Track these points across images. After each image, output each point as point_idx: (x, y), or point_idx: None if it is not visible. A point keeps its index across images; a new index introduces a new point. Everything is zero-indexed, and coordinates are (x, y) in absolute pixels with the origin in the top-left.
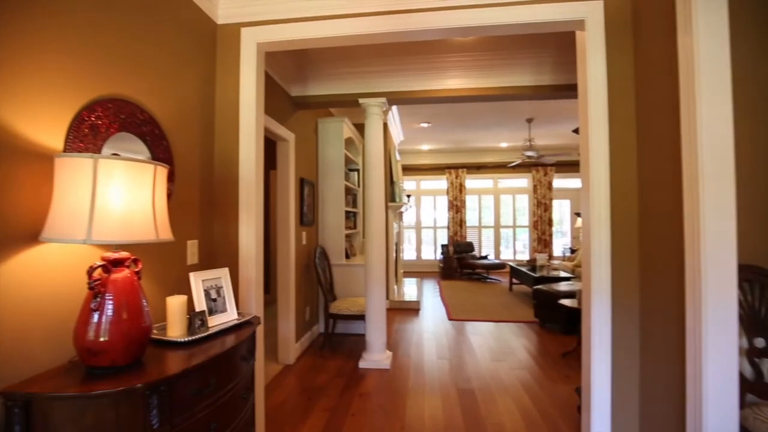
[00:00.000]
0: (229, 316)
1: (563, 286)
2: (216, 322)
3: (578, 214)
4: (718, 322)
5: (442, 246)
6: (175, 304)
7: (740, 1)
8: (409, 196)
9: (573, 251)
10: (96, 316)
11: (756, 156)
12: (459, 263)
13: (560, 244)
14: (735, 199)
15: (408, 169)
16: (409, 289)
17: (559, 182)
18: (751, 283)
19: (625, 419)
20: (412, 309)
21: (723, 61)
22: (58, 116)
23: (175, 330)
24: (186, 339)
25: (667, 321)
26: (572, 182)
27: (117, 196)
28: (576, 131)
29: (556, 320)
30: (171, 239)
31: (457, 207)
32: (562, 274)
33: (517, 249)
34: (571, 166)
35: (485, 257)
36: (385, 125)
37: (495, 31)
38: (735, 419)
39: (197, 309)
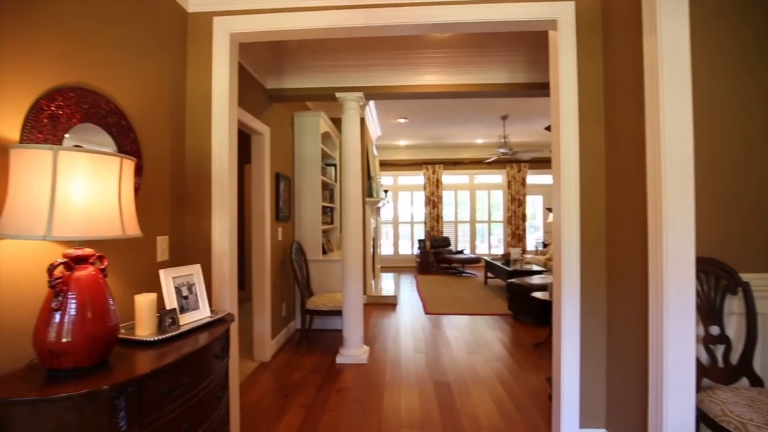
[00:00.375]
0: (201, 314)
1: (536, 280)
2: (188, 320)
3: (550, 209)
4: (678, 311)
5: (419, 241)
6: (144, 302)
7: (699, 7)
8: (386, 191)
9: (545, 245)
10: (58, 316)
11: (711, 155)
12: (436, 258)
13: (533, 238)
14: (694, 196)
15: (385, 165)
16: (387, 284)
17: (533, 178)
18: (707, 274)
19: (593, 405)
20: (389, 304)
21: (684, 62)
22: (13, 105)
23: (145, 329)
24: (156, 338)
25: (631, 311)
26: (545, 178)
27: (79, 190)
28: (548, 128)
29: (529, 312)
30: (139, 235)
31: (433, 202)
32: (535, 267)
33: (491, 243)
34: (544, 163)
35: (461, 252)
36: (363, 120)
37: (470, 28)
38: (692, 402)
39: (168, 307)
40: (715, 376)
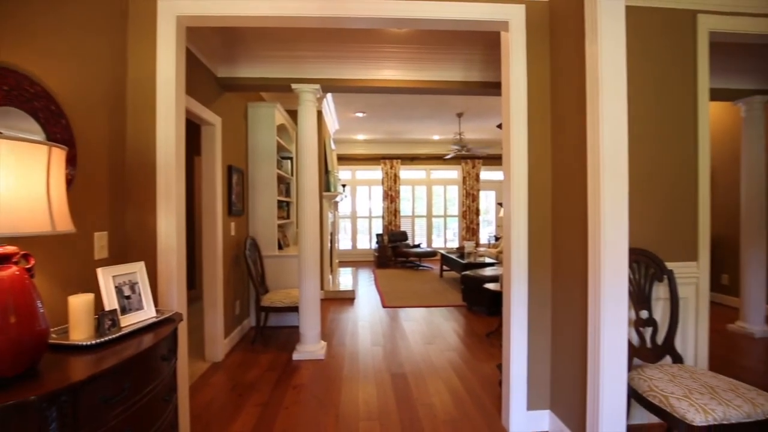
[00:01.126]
0: (146, 314)
1: (488, 272)
2: (130, 321)
3: (501, 204)
4: (614, 297)
5: (377, 235)
6: (79, 303)
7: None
8: (344, 185)
9: (497, 239)
10: None
11: (640, 156)
12: (393, 252)
13: (486, 232)
14: (628, 193)
15: (343, 159)
16: (345, 279)
17: (486, 174)
18: (638, 263)
19: (539, 389)
20: (347, 298)
21: (621, 68)
22: None
23: (80, 333)
24: (92, 342)
25: (573, 300)
26: (497, 174)
27: None
28: (500, 126)
29: (481, 303)
30: (72, 230)
31: (391, 197)
32: (488, 260)
33: (447, 237)
34: (496, 159)
35: (418, 246)
36: (320, 113)
37: (425, 24)
38: (624, 380)
39: (107, 308)
40: (644, 356)
